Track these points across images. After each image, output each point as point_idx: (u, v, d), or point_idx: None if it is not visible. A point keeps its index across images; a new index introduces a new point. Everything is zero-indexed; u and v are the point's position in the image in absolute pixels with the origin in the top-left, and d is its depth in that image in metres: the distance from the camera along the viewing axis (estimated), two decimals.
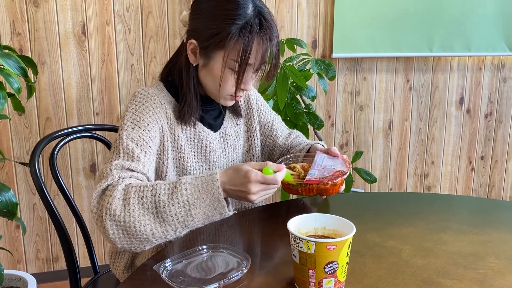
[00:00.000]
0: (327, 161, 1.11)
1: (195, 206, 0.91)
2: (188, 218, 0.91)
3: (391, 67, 2.63)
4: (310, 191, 1.06)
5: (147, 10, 2.19)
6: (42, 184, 1.24)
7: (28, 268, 2.27)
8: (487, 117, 2.87)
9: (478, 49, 2.64)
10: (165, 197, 0.91)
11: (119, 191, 0.91)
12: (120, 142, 1.01)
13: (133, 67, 2.23)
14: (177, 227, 0.92)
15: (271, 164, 0.94)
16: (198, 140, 1.16)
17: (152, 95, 1.10)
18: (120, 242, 0.92)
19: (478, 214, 1.25)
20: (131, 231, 0.90)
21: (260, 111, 1.31)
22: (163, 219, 0.90)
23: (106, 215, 0.89)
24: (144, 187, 0.92)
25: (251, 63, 1.05)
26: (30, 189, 2.19)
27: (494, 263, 0.92)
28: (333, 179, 1.05)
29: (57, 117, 2.17)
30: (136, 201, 0.90)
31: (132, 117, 1.06)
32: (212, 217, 0.94)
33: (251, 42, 1.02)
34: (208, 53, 1.07)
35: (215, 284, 0.82)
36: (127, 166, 0.97)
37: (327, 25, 2.46)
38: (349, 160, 1.13)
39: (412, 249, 0.98)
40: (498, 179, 2.99)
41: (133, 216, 0.89)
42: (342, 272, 0.79)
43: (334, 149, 1.13)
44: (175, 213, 0.90)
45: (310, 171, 1.07)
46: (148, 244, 0.93)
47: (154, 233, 0.91)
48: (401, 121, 2.73)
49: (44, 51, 2.10)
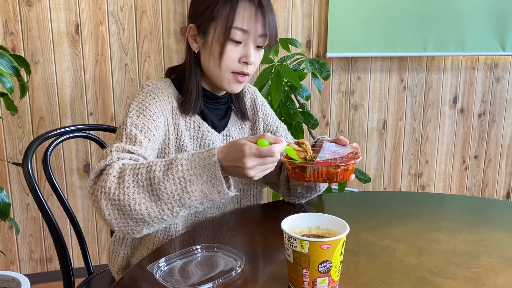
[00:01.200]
0: (337, 148, 1.02)
1: (192, 182, 0.85)
2: (185, 196, 0.85)
3: (385, 66, 2.64)
4: (319, 175, 0.96)
5: (141, 9, 2.19)
6: (35, 184, 1.23)
7: (22, 269, 2.26)
8: (481, 116, 2.89)
9: (471, 49, 2.65)
10: (160, 173, 0.85)
11: (115, 169, 0.87)
12: (124, 128, 1.00)
13: (127, 66, 2.22)
14: (173, 206, 0.86)
15: (268, 136, 0.86)
16: (201, 139, 1.15)
17: (160, 88, 1.09)
18: (117, 224, 0.87)
19: (472, 213, 1.25)
20: (126, 210, 0.85)
21: (265, 116, 1.29)
22: (158, 197, 0.85)
23: (102, 193, 0.86)
24: (140, 165, 0.88)
25: (240, 26, 1.03)
26: (23, 189, 2.18)
27: (487, 262, 0.92)
28: (346, 162, 0.95)
29: (50, 117, 2.16)
30: (131, 178, 0.86)
31: (138, 106, 1.05)
32: (211, 196, 0.87)
33: (236, 1, 1.02)
34: (204, 30, 1.07)
35: (209, 284, 0.81)
36: (128, 149, 0.95)
37: (321, 24, 2.46)
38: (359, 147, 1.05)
39: (406, 248, 0.98)
40: (491, 178, 3.01)
41: (128, 194, 0.85)
42: (336, 271, 0.79)
43: (342, 138, 1.06)
44: (170, 190, 0.85)
45: (320, 154, 0.97)
46: (145, 226, 0.88)
47: (149, 212, 0.85)
48: (395, 120, 2.73)
49: (37, 51, 2.09)
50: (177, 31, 2.25)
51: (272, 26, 1.06)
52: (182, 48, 2.26)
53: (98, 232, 2.34)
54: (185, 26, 2.25)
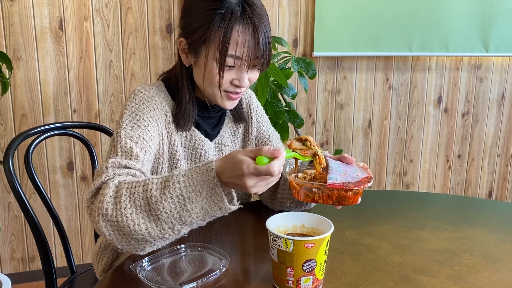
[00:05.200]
0: (345, 167, 0.95)
1: (191, 200, 0.81)
2: (185, 214, 0.81)
3: (371, 66, 2.66)
4: (328, 198, 0.89)
5: (126, 5, 2.16)
6: (16, 183, 1.21)
7: (3, 268, 2.22)
8: (464, 116, 2.93)
9: (455, 49, 2.69)
10: (157, 192, 0.82)
11: (111, 188, 0.84)
12: (118, 141, 0.96)
13: (112, 63, 2.20)
14: (174, 224, 0.82)
15: (265, 151, 0.79)
16: (193, 148, 1.12)
17: (152, 95, 1.05)
18: (119, 243, 0.85)
19: (455, 211, 1.27)
20: (126, 231, 0.82)
21: (258, 123, 1.26)
22: (157, 217, 0.82)
23: (99, 215, 0.83)
24: (136, 183, 0.84)
25: (233, 53, 0.98)
26: (5, 187, 2.14)
27: (469, 260, 0.94)
28: (359, 185, 0.87)
29: (33, 114, 2.12)
30: (127, 198, 0.82)
31: (132, 116, 1.01)
32: (212, 212, 0.83)
33: (230, 28, 0.97)
34: (196, 49, 1.03)
35: (193, 283, 0.81)
36: (125, 164, 0.91)
37: (308, 23, 2.47)
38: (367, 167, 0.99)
39: (390, 247, 0.99)
40: (474, 177, 3.05)
41: (125, 215, 0.82)
42: (320, 270, 0.80)
43: (347, 156, 1.00)
44: (169, 209, 0.81)
45: (330, 175, 0.89)
46: (148, 245, 0.86)
47: (150, 232, 0.82)
48: (380, 119, 2.76)
49: (20, 47, 2.05)
50: (162, 28, 2.23)
51: (266, 50, 1.01)
52: (167, 45, 2.24)
53: (81, 231, 2.31)
54: (170, 23, 2.23)
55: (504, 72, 2.92)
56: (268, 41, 1.02)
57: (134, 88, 1.11)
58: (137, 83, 2.24)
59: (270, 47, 1.03)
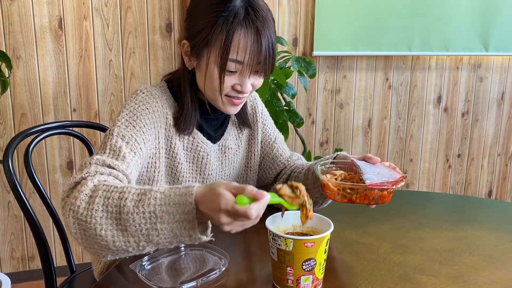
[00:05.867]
0: (374, 168, 0.97)
1: (163, 220, 0.76)
2: (153, 232, 0.77)
3: (370, 65, 2.66)
4: (365, 198, 0.91)
5: (126, 5, 2.16)
6: (16, 182, 1.20)
7: (3, 268, 2.22)
8: (464, 115, 2.93)
9: (455, 49, 2.68)
10: (131, 203, 0.78)
11: (88, 186, 0.82)
12: (109, 138, 0.94)
13: (112, 62, 2.20)
14: (140, 240, 0.78)
15: (248, 191, 0.73)
16: (195, 151, 1.11)
17: (154, 96, 1.04)
18: (83, 243, 0.82)
19: (454, 211, 1.27)
20: (91, 234, 0.79)
21: (264, 126, 1.25)
22: (125, 228, 0.78)
23: (70, 210, 0.80)
24: (114, 188, 0.81)
25: (234, 58, 0.96)
26: (5, 187, 2.14)
27: (469, 259, 0.94)
28: (397, 184, 0.90)
29: (32, 113, 2.12)
30: (101, 201, 0.79)
31: (129, 115, 0.99)
32: (181, 237, 0.78)
33: (232, 32, 0.95)
34: (198, 52, 1.01)
35: (193, 282, 0.81)
36: (109, 163, 0.89)
37: (307, 23, 2.47)
38: None
39: (390, 246, 0.99)
40: (474, 176, 3.05)
41: (95, 218, 0.78)
42: (320, 269, 0.79)
43: (372, 156, 1.01)
44: (139, 223, 0.77)
45: (366, 175, 0.91)
46: (109, 253, 0.81)
47: (115, 241, 0.79)
48: (380, 119, 2.76)
49: (19, 46, 2.05)
50: (162, 27, 2.23)
51: (269, 55, 0.99)
52: (167, 44, 2.24)
53: None
54: (170, 22, 2.23)
55: (504, 71, 2.92)
56: (271, 47, 0.99)
57: (136, 88, 1.09)
58: (137, 82, 2.24)
59: (274, 53, 1.00)
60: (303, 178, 1.12)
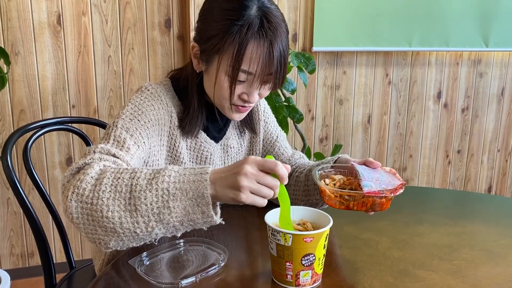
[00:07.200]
0: (372, 173, 0.96)
1: (175, 197, 0.76)
2: (165, 210, 0.76)
3: (370, 61, 2.65)
4: (363, 205, 0.90)
5: (124, 0, 2.15)
6: (15, 178, 1.20)
7: (2, 264, 2.22)
8: (464, 111, 2.92)
9: (455, 45, 2.68)
10: (144, 181, 0.77)
11: (94, 169, 0.80)
12: (113, 129, 0.93)
13: (110, 58, 2.19)
14: (150, 220, 0.77)
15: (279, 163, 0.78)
16: (199, 151, 1.11)
17: (159, 94, 1.04)
18: (85, 229, 0.80)
19: (454, 206, 1.27)
20: (97, 216, 0.77)
21: (266, 124, 1.24)
22: (135, 207, 0.77)
23: (73, 193, 0.78)
24: (124, 169, 0.80)
25: (245, 69, 0.95)
26: (4, 183, 2.14)
27: (468, 254, 0.93)
28: (395, 191, 0.89)
29: (31, 109, 2.12)
30: (109, 182, 0.78)
31: (134, 109, 0.98)
32: (193, 215, 0.77)
33: (245, 43, 0.93)
34: (208, 57, 1.00)
35: (192, 278, 0.81)
36: (113, 152, 0.88)
37: (307, 18, 2.46)
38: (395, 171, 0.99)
39: (389, 241, 0.98)
40: (473, 172, 3.05)
41: (102, 198, 0.77)
42: (319, 264, 0.79)
43: (373, 160, 0.99)
44: (150, 201, 0.76)
45: (364, 182, 0.90)
46: (114, 237, 0.79)
47: (122, 222, 0.77)
48: (380, 115, 2.75)
49: (18, 41, 2.04)
50: (161, 23, 2.22)
51: (281, 68, 0.97)
52: (166, 40, 2.23)
53: None
54: (169, 18, 2.22)
55: (504, 67, 2.92)
56: (284, 59, 0.97)
57: (140, 85, 1.08)
58: (136, 78, 2.24)
59: (285, 65, 0.99)
60: (304, 179, 1.12)
